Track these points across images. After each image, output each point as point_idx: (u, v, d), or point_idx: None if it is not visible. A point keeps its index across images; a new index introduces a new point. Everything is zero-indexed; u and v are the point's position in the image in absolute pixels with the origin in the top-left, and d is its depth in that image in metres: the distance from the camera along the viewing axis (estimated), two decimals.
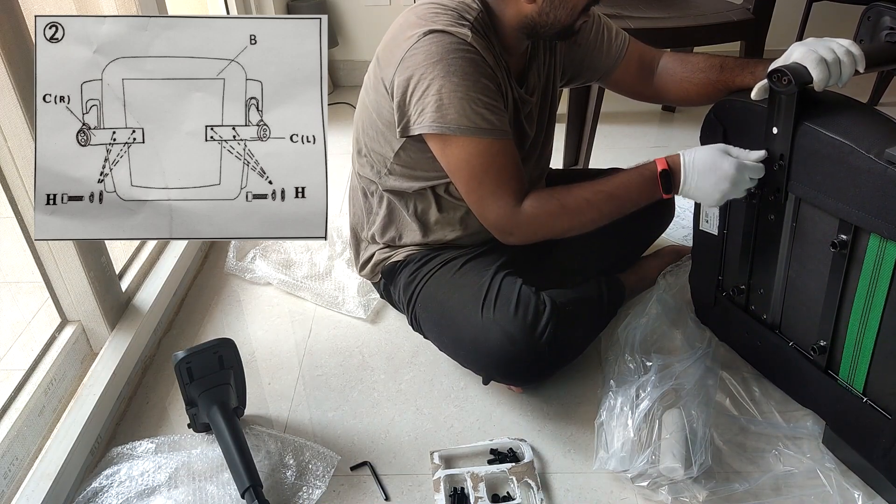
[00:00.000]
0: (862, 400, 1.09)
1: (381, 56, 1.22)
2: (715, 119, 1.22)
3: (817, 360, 1.17)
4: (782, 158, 1.11)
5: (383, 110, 1.23)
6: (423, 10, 1.17)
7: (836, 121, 1.04)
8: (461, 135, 1.13)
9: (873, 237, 1.01)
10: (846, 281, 1.07)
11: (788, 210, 1.15)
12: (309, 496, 1.13)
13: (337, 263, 1.68)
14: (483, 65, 1.14)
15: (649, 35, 1.84)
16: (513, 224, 1.19)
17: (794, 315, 1.22)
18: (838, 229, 1.06)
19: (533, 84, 1.31)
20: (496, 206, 1.18)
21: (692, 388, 1.22)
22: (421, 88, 1.13)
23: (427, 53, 1.12)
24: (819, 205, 1.08)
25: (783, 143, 1.09)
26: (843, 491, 1.10)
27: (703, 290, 1.42)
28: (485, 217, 1.21)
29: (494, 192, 1.17)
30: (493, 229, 1.22)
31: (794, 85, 1.03)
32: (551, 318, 1.19)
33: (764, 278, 1.25)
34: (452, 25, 1.14)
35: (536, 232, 1.20)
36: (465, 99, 1.12)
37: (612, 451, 1.15)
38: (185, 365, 1.15)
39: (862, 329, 1.07)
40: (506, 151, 1.17)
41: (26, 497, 1.06)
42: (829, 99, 1.09)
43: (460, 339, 1.26)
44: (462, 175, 1.18)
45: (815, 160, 1.06)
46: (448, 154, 1.17)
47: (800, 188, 1.11)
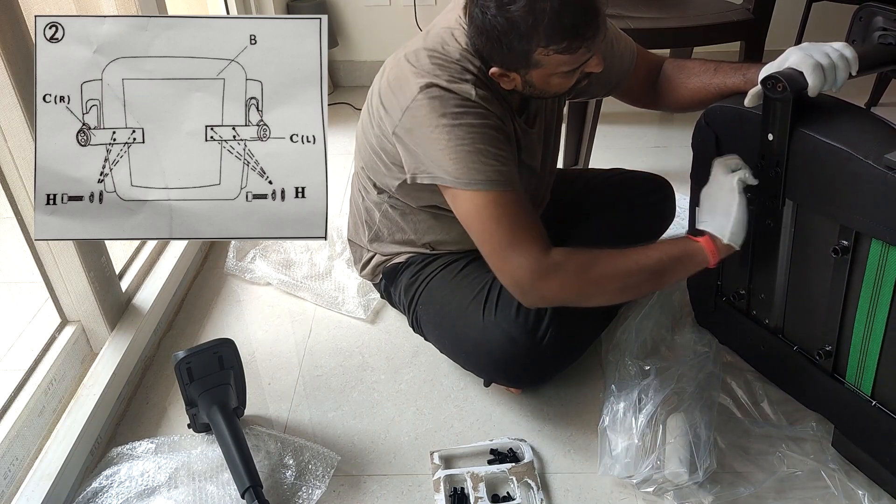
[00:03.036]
0: (871, 403, 1.09)
1: (383, 99, 1.18)
2: (706, 125, 1.21)
3: (823, 364, 1.16)
4: (778, 165, 1.09)
5: (386, 149, 1.21)
6: (425, 61, 1.12)
7: (832, 126, 1.03)
8: (469, 189, 1.09)
9: (875, 242, 1.00)
10: (849, 286, 1.07)
11: (787, 216, 1.14)
12: (309, 496, 1.13)
13: (337, 263, 1.68)
14: (490, 117, 1.11)
15: (649, 35, 1.84)
16: (539, 277, 1.08)
17: (797, 319, 1.21)
18: (839, 235, 1.05)
19: (534, 113, 1.27)
20: (516, 256, 1.09)
21: (694, 392, 1.22)
22: (425, 143, 1.11)
23: (427, 112, 1.09)
24: (818, 211, 1.08)
25: (779, 150, 1.08)
26: (848, 491, 1.10)
27: (702, 296, 1.41)
28: (502, 271, 1.12)
29: (512, 242, 1.10)
30: (513, 286, 1.12)
31: (788, 91, 1.02)
32: (552, 321, 1.19)
33: (765, 283, 1.24)
34: (455, 82, 1.10)
35: (564, 287, 1.10)
36: (473, 152, 1.08)
37: (617, 456, 1.15)
38: (185, 365, 1.15)
39: (867, 333, 1.06)
40: (517, 201, 1.11)
41: (26, 497, 1.06)
42: (824, 103, 1.08)
43: (461, 341, 1.26)
44: (473, 226, 1.13)
45: (812, 167, 1.05)
46: (458, 207, 1.13)
47: (797, 194, 1.10)
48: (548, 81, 1.11)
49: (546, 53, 1.05)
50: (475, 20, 1.07)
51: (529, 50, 1.05)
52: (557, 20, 1.01)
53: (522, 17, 1.01)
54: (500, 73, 1.11)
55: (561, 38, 1.03)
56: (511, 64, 1.09)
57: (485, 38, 1.07)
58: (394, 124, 1.14)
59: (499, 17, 1.03)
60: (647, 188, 1.52)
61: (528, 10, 1.01)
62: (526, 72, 1.10)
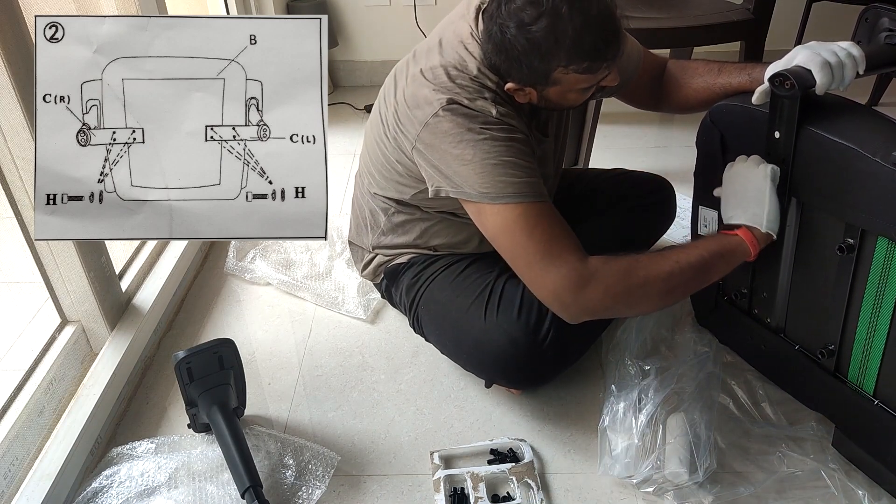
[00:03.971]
0: (873, 402, 1.09)
1: (400, 115, 1.16)
2: (711, 124, 1.21)
3: (825, 363, 1.16)
4: (785, 163, 1.10)
5: (404, 163, 1.20)
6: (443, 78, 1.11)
7: (838, 124, 1.03)
8: (497, 203, 1.08)
9: (881, 240, 1.00)
10: (854, 284, 1.07)
11: (792, 214, 1.14)
12: (309, 496, 1.13)
13: (337, 263, 1.68)
14: (514, 131, 1.10)
15: (649, 35, 1.84)
16: (579, 286, 1.05)
17: (799, 318, 1.21)
18: (844, 233, 1.05)
19: (545, 117, 1.27)
20: (554, 268, 1.06)
21: (694, 392, 1.22)
22: (448, 158, 1.09)
23: (454, 123, 1.08)
24: (824, 209, 1.08)
25: (786, 147, 1.08)
26: (848, 491, 1.10)
27: (702, 295, 1.40)
28: (543, 285, 1.08)
29: (548, 254, 1.06)
30: (557, 299, 1.08)
31: (797, 89, 1.02)
32: (554, 322, 1.19)
33: (767, 282, 1.24)
34: (476, 100, 1.09)
35: (607, 294, 1.06)
36: (500, 165, 1.07)
37: (617, 456, 1.15)
38: (185, 365, 1.15)
39: (871, 332, 1.06)
40: (547, 212, 1.09)
41: (26, 497, 1.06)
42: (830, 102, 1.08)
43: (463, 341, 1.26)
44: (504, 241, 1.11)
45: (819, 164, 1.05)
46: (485, 222, 1.11)
47: (803, 192, 1.10)
48: (564, 97, 1.12)
49: (566, 73, 1.05)
50: (493, 38, 1.06)
51: (549, 69, 1.05)
52: (579, 42, 1.00)
53: (544, 37, 1.01)
54: (515, 88, 1.10)
55: (582, 60, 1.02)
56: (528, 81, 1.09)
57: (504, 56, 1.06)
58: (413, 139, 1.13)
59: (519, 37, 1.02)
60: (648, 188, 1.52)
61: (549, 30, 1.00)
62: (543, 88, 1.10)
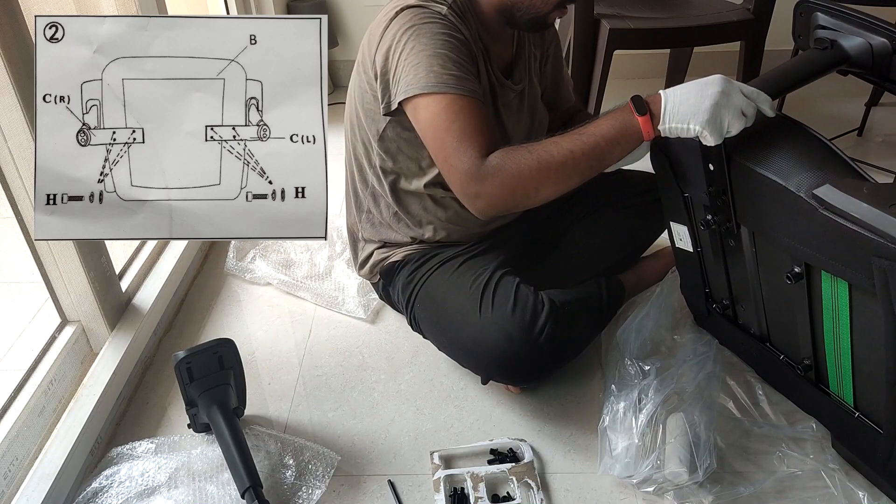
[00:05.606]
0: (854, 414, 1.09)
1: (364, 45, 1.25)
2: (659, 150, 1.17)
3: (807, 375, 1.16)
4: (724, 193, 1.09)
5: (366, 96, 1.25)
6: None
7: (765, 154, 1.01)
8: (427, 92, 1.10)
9: (824, 273, 0.98)
10: (812, 306, 1.05)
11: (745, 239, 1.13)
12: (309, 496, 1.13)
13: (337, 263, 1.68)
14: (455, 31, 1.15)
15: (649, 35, 1.84)
16: (477, 179, 1.08)
17: (778, 331, 1.21)
18: (791, 261, 1.03)
19: (519, 76, 1.32)
20: (459, 162, 1.09)
21: (694, 392, 1.21)
22: (395, 57, 1.15)
23: (400, 24, 1.14)
24: (767, 238, 1.06)
25: (721, 179, 1.07)
26: (848, 491, 1.10)
27: (695, 302, 1.41)
28: (451, 180, 1.13)
29: (457, 147, 1.09)
30: (460, 193, 1.12)
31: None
32: (549, 318, 1.19)
33: (743, 295, 1.23)
34: (432, 4, 1.16)
35: (503, 187, 1.07)
36: (433, 56, 1.11)
37: (617, 456, 1.15)
38: (185, 365, 1.15)
39: (837, 351, 1.06)
40: (472, 107, 1.11)
41: (26, 497, 1.06)
42: (760, 126, 1.03)
43: (459, 338, 1.26)
44: (429, 136, 1.13)
45: (752, 197, 1.03)
46: (419, 119, 1.14)
47: (748, 222, 1.08)
48: None
49: None
50: None
51: None
52: None
53: None
54: None
55: None
56: None
57: None
58: (373, 53, 1.19)
59: None
60: (644, 188, 1.52)
61: None
62: None
